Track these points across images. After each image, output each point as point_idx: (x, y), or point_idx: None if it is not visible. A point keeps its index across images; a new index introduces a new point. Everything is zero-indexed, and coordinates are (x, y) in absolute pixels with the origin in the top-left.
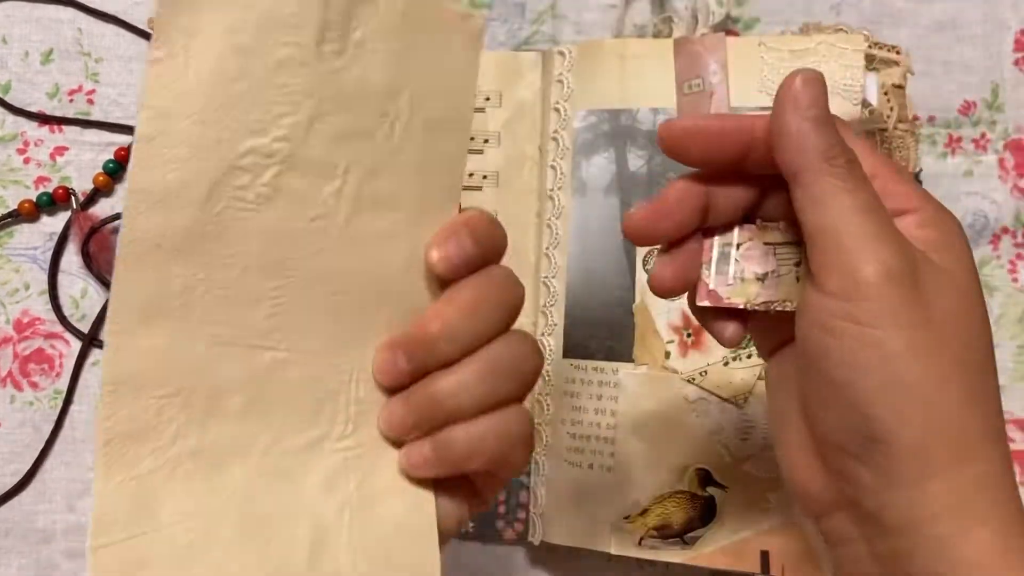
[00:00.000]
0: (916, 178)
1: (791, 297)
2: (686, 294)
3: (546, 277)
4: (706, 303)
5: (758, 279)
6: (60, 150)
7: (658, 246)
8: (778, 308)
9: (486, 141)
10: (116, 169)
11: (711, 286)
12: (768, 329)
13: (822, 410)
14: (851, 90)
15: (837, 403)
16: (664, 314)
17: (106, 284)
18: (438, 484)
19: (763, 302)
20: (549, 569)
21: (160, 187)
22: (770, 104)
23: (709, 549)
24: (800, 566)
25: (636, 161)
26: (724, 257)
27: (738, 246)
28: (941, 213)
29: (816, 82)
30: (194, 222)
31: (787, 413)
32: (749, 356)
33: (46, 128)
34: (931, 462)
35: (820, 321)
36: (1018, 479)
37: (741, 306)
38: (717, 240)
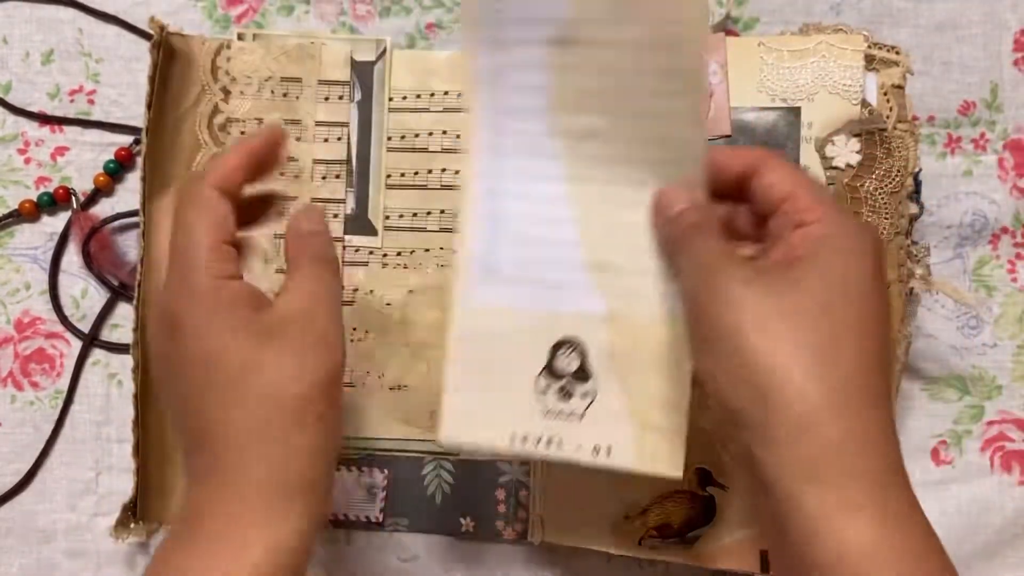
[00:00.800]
0: (915, 179)
1: None
2: None
3: None
4: None
5: None
6: (61, 150)
7: None
8: None
9: None
10: (116, 169)
11: None
12: None
13: (706, 354)
14: (850, 90)
15: (721, 353)
16: None
17: (106, 284)
18: None
19: None
20: (549, 569)
21: None
22: (769, 104)
23: (709, 548)
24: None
25: None
26: None
27: None
28: (841, 225)
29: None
30: None
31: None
32: None
33: (47, 128)
34: (808, 423)
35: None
36: (1018, 479)
37: None
38: None
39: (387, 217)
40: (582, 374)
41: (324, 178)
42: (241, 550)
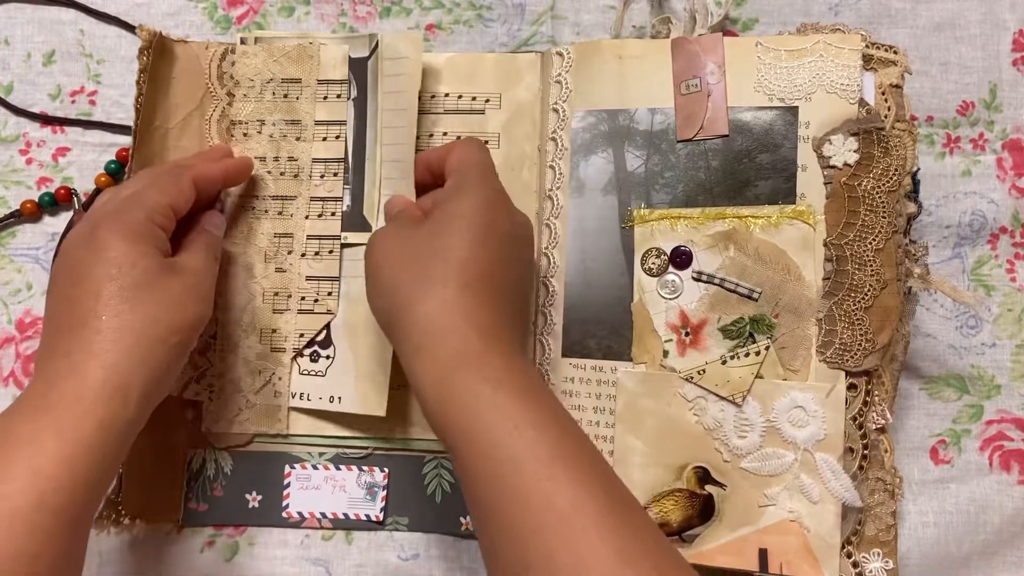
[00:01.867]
0: (913, 178)
1: None
2: None
3: (545, 276)
4: None
5: None
6: (62, 151)
7: (655, 245)
8: None
9: (486, 142)
10: (117, 169)
11: None
12: None
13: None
14: (848, 90)
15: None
16: (662, 313)
17: None
18: None
19: None
20: None
21: None
22: (767, 103)
23: (708, 547)
24: (799, 564)
25: (634, 161)
26: None
27: None
28: (454, 193)
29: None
30: None
31: None
32: (747, 355)
33: (48, 129)
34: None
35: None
36: (1017, 478)
37: None
38: None
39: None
40: (326, 341)
41: (322, 176)
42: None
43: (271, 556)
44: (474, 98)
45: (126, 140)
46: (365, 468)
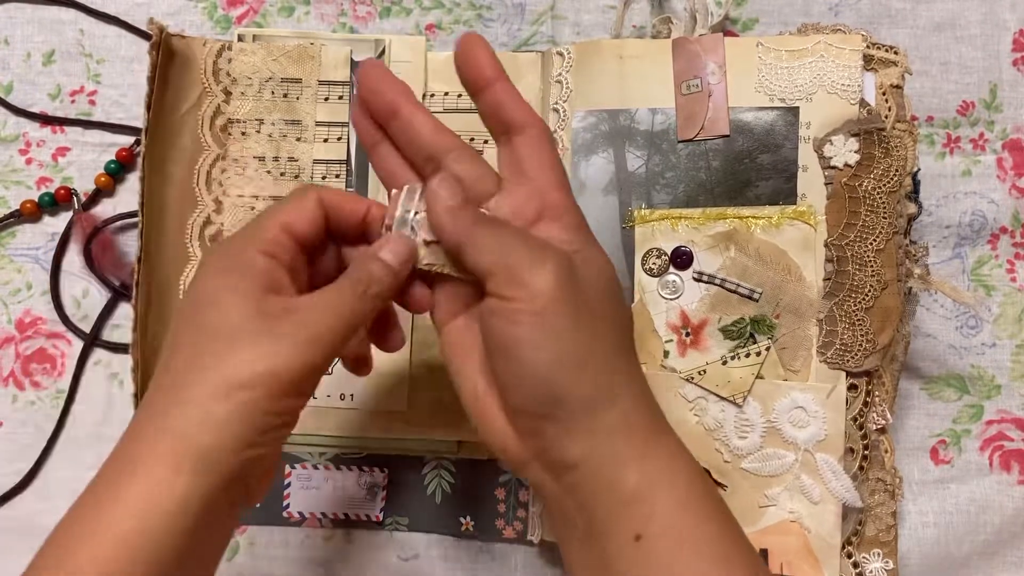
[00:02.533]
0: (913, 178)
1: (447, 263)
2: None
3: None
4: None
5: (426, 244)
6: (62, 151)
7: (656, 245)
8: (438, 270)
9: (486, 142)
10: (118, 169)
11: None
12: (445, 301)
13: (512, 384)
14: (849, 90)
15: (523, 377)
16: (663, 313)
17: (108, 284)
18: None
19: (427, 264)
20: (549, 568)
21: None
22: (767, 104)
23: None
24: (799, 564)
25: (635, 161)
26: (403, 221)
27: (415, 213)
28: (580, 219)
29: (448, 182)
30: None
31: (473, 383)
32: (747, 355)
33: (48, 129)
34: (595, 409)
35: (505, 317)
36: (1017, 478)
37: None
38: (402, 202)
39: None
40: None
41: (324, 178)
42: (113, 503)
43: (271, 556)
44: None
45: (126, 140)
46: (365, 468)
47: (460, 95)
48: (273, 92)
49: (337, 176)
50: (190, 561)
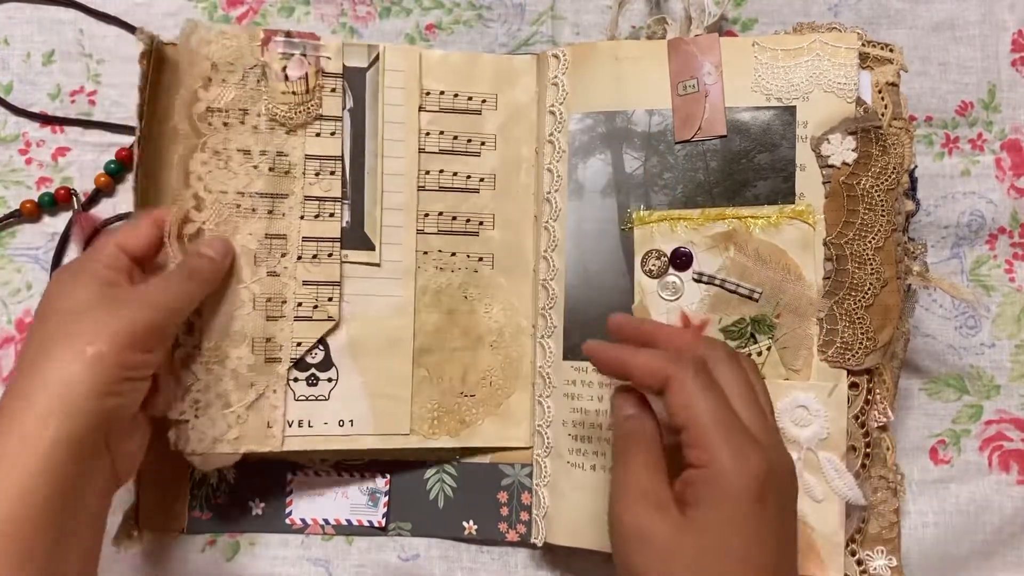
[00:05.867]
0: (911, 175)
1: None
2: None
3: (545, 280)
4: None
5: None
6: (62, 151)
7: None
8: None
9: (483, 144)
10: (117, 169)
11: None
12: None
13: None
14: (845, 88)
15: None
16: (663, 315)
17: None
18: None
19: None
20: (550, 570)
21: None
22: (764, 103)
23: None
24: (804, 563)
25: (632, 162)
26: None
27: None
28: (721, 470)
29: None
30: None
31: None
32: (749, 355)
33: (48, 129)
34: None
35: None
36: (1016, 478)
37: None
38: None
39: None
40: (326, 363)
41: (317, 174)
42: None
43: (272, 556)
44: (470, 98)
45: (126, 140)
46: (367, 474)
47: (456, 95)
48: (258, 80)
49: (332, 172)
50: (63, 515)
